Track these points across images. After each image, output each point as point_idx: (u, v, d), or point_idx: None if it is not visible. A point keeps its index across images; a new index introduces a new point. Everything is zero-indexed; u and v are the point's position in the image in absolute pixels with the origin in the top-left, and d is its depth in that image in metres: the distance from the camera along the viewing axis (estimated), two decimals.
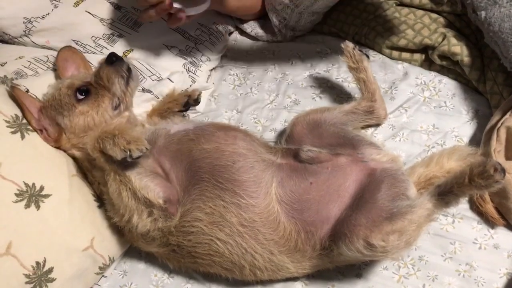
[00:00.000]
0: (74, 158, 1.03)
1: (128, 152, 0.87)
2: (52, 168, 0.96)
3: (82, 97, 1.01)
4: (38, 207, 0.91)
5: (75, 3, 1.23)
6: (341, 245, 0.89)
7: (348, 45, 1.13)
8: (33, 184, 0.92)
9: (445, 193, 0.90)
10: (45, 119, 0.99)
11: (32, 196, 0.91)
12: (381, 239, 0.86)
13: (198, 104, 1.19)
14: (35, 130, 0.98)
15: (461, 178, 0.87)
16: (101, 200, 1.02)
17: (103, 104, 1.02)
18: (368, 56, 1.15)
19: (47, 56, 1.16)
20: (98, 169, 0.98)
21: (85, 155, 1.01)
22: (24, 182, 0.90)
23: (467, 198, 1.05)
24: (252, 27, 1.42)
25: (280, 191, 0.95)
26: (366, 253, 0.88)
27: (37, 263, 0.89)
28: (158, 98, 1.19)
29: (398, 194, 0.93)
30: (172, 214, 0.93)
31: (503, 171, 0.85)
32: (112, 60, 1.03)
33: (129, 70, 1.04)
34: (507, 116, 1.04)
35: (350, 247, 0.88)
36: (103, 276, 1.05)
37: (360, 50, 1.14)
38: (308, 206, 0.94)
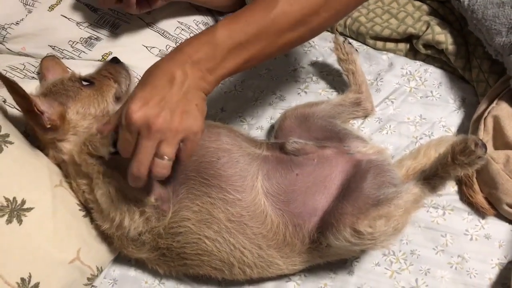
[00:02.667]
0: (59, 165, 1.01)
1: (115, 136, 0.85)
2: (34, 181, 0.94)
3: (86, 84, 1.03)
4: (20, 221, 0.89)
5: (49, 7, 1.20)
6: (328, 235, 0.89)
7: (339, 38, 1.16)
8: (14, 198, 0.89)
9: (431, 177, 0.92)
10: (43, 103, 0.95)
11: (13, 210, 0.89)
12: (368, 225, 0.86)
13: None
14: (37, 114, 0.92)
15: (444, 159, 0.89)
16: (87, 209, 1.00)
17: (108, 93, 1.03)
18: (357, 50, 1.17)
19: (23, 64, 1.13)
20: (83, 176, 0.97)
21: (73, 157, 0.98)
22: (4, 197, 0.88)
23: (456, 189, 1.04)
24: None
25: (266, 184, 0.94)
26: (354, 241, 0.87)
27: (22, 279, 0.87)
28: None
29: (384, 182, 0.93)
30: (165, 211, 0.92)
31: (484, 146, 0.86)
32: (117, 60, 1.09)
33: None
34: (493, 104, 1.03)
35: (337, 236, 0.87)
36: (92, 286, 1.04)
37: (349, 43, 1.16)
38: (294, 197, 0.93)
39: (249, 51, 0.79)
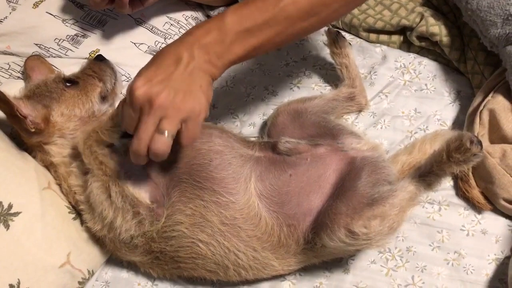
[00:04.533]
0: (48, 167, 0.99)
1: None
2: (21, 184, 0.92)
3: (70, 85, 1.00)
4: (7, 226, 0.87)
5: (34, 5, 1.16)
6: (323, 236, 0.87)
7: (332, 31, 1.14)
8: (1, 202, 0.87)
9: (426, 174, 0.90)
10: (26, 106, 0.93)
11: (0, 215, 0.87)
12: (363, 225, 0.84)
13: None
14: (19, 119, 0.91)
15: (440, 156, 0.88)
16: (77, 211, 0.98)
17: (93, 93, 1.01)
18: (350, 44, 1.14)
19: (8, 64, 1.11)
20: (76, 176, 0.95)
21: (63, 158, 0.97)
22: None
23: (452, 184, 1.03)
24: None
25: (260, 185, 0.93)
26: (348, 242, 0.86)
27: (11, 286, 0.85)
28: None
29: (379, 180, 0.91)
30: (159, 215, 0.91)
31: (480, 143, 0.85)
32: (101, 58, 1.07)
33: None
34: (489, 97, 1.01)
35: (332, 237, 0.86)
36: None
37: (343, 37, 1.13)
38: (288, 198, 0.92)
39: (257, 37, 0.79)
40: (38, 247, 0.90)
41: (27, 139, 0.96)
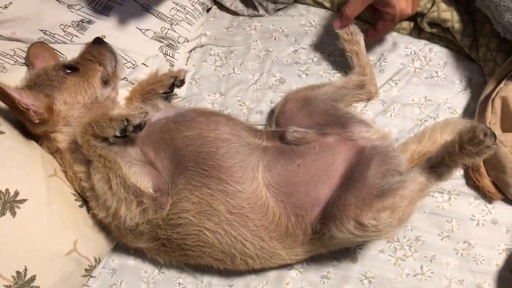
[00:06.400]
0: (53, 154, 0.98)
1: (125, 122, 0.85)
2: (27, 172, 0.91)
3: (70, 71, 0.99)
4: (14, 213, 0.86)
5: None
6: (331, 227, 0.86)
7: None
8: (7, 190, 0.87)
9: (437, 165, 0.88)
10: (28, 97, 0.92)
11: (6, 202, 0.86)
12: (372, 217, 0.83)
13: (183, 85, 1.14)
14: (21, 111, 0.90)
15: (452, 147, 0.85)
16: (83, 198, 0.98)
17: (94, 78, 1.00)
18: (361, 32, 1.12)
19: (13, 50, 1.10)
20: (81, 163, 0.94)
21: (69, 145, 0.96)
22: None
23: (462, 173, 1.01)
24: (232, 1, 1.34)
25: (267, 175, 0.92)
26: (358, 234, 0.85)
27: (18, 272, 0.85)
28: (133, 84, 1.13)
29: (389, 170, 0.90)
30: (163, 204, 0.90)
31: (493, 135, 0.82)
32: (100, 41, 1.05)
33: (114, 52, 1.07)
34: (501, 85, 0.99)
35: (340, 228, 0.85)
36: (91, 276, 1.02)
37: (354, 23, 1.11)
38: (296, 189, 0.91)
39: None
40: (44, 235, 0.89)
41: (32, 130, 0.95)
